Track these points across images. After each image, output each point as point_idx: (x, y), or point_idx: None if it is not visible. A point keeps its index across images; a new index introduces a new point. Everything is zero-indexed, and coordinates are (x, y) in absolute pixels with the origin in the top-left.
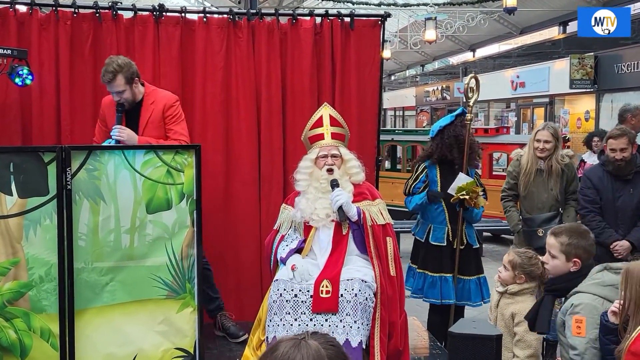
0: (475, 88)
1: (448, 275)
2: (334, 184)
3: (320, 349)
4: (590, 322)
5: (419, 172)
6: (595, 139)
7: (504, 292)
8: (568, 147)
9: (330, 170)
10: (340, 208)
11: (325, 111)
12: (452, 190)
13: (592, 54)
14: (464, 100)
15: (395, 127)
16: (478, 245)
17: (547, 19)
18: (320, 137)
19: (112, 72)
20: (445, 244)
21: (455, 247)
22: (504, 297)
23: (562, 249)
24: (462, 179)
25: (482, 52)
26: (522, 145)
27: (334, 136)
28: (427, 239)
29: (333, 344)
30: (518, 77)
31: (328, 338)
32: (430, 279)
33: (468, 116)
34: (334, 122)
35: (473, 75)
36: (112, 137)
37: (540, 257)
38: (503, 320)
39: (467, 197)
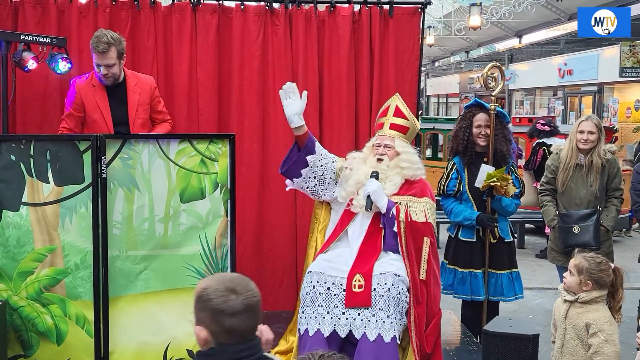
0: (496, 77)
1: (477, 271)
2: (373, 175)
3: None
4: None
5: (449, 169)
6: None
7: (573, 301)
8: (616, 137)
9: (379, 160)
10: (368, 197)
11: (393, 102)
12: (478, 183)
13: None
14: (485, 89)
15: (438, 114)
16: (512, 239)
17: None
18: (381, 126)
19: (106, 43)
20: (474, 240)
21: (486, 242)
22: (575, 306)
23: None
24: (484, 170)
25: (528, 39)
26: (567, 136)
27: (393, 127)
28: (457, 235)
29: None
30: (566, 64)
31: None
32: (460, 275)
33: (492, 106)
34: (397, 113)
35: (494, 64)
36: None
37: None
38: (575, 332)
39: (497, 183)
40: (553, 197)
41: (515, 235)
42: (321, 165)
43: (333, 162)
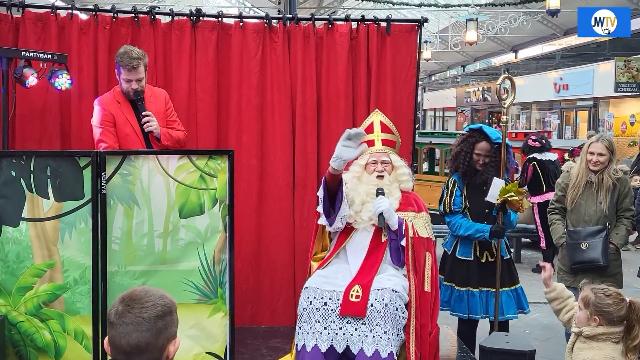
0: (509, 89)
1: (475, 290)
2: (379, 192)
3: None
4: None
5: (450, 187)
6: None
7: (579, 334)
8: None
9: (380, 177)
10: (380, 214)
11: (376, 118)
12: (491, 197)
13: (638, 56)
14: (498, 100)
15: (435, 127)
16: (509, 256)
17: None
18: (371, 143)
19: (137, 59)
20: (472, 258)
21: (483, 260)
22: (579, 340)
23: None
24: (497, 184)
25: (524, 54)
26: (562, 150)
27: (385, 142)
28: (454, 252)
29: None
30: (561, 79)
31: None
32: (457, 293)
33: (503, 118)
34: (384, 128)
35: (506, 75)
36: (145, 127)
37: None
38: None
39: (515, 197)
40: (562, 216)
41: (511, 250)
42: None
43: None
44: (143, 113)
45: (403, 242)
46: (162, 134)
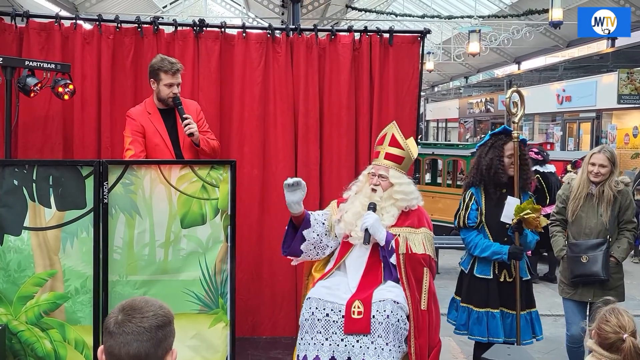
0: (519, 102)
1: (495, 311)
2: (371, 207)
3: None
4: None
5: (467, 200)
6: None
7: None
8: None
9: (373, 190)
10: (366, 230)
11: (390, 130)
12: (506, 218)
13: None
14: (508, 114)
15: (437, 139)
16: (529, 277)
17: None
18: (377, 155)
19: (177, 62)
20: (491, 277)
21: (502, 280)
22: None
23: None
24: (511, 203)
25: (527, 65)
26: (566, 162)
27: (388, 157)
28: (471, 271)
29: None
30: (564, 90)
31: None
32: (475, 315)
33: (514, 133)
34: (393, 142)
35: (515, 89)
36: (186, 129)
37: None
38: None
39: (532, 215)
40: (563, 228)
41: (533, 273)
42: (317, 235)
43: (323, 223)
44: (183, 115)
45: (393, 260)
46: (200, 140)
